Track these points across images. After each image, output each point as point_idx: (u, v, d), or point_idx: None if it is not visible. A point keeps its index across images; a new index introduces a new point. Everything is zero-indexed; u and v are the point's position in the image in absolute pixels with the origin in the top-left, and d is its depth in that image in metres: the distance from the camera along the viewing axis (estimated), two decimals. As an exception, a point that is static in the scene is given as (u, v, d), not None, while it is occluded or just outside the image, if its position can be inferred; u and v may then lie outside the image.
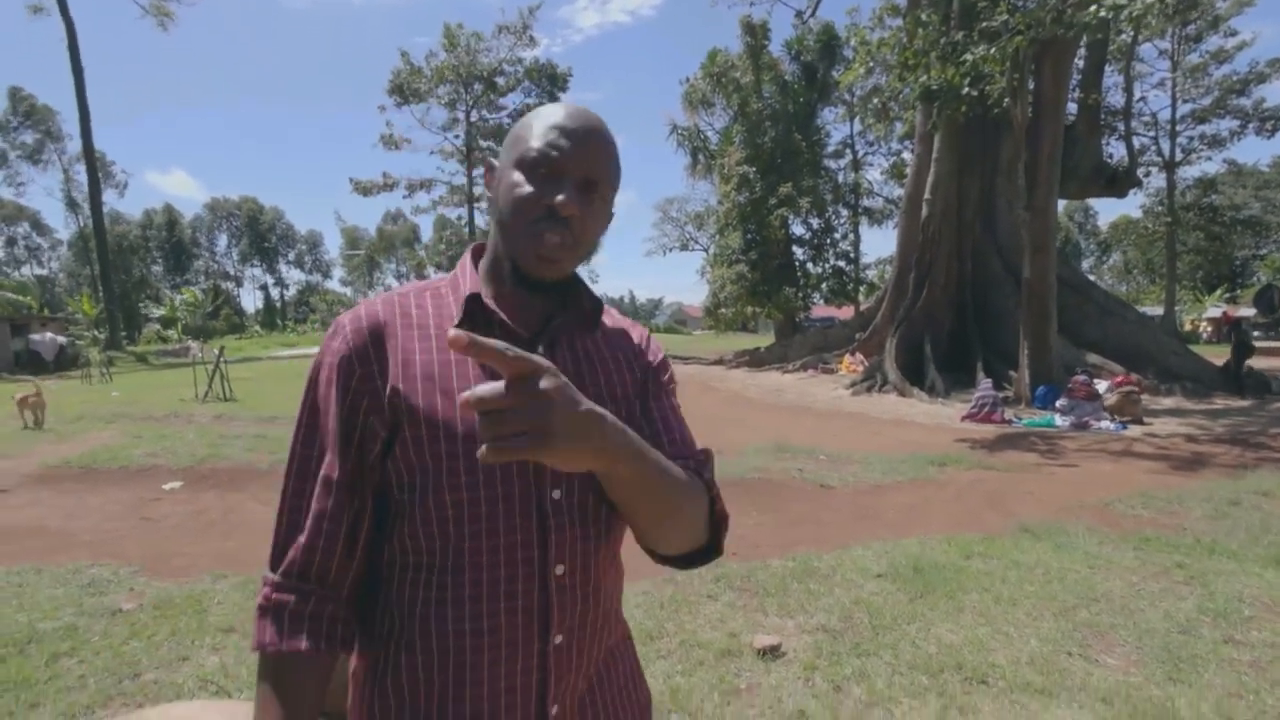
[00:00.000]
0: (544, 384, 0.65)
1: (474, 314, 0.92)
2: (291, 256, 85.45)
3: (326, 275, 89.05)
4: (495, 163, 0.98)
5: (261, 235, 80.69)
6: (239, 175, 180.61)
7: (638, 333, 1.08)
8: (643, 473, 0.79)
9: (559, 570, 0.89)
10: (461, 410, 0.80)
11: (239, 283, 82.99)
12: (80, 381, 20.37)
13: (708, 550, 0.98)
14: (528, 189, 0.89)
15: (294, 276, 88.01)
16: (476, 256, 1.02)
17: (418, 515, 0.87)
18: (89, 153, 34.74)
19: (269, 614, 0.88)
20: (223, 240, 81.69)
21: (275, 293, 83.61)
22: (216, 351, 15.95)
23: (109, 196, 48.39)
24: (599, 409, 0.71)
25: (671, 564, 0.98)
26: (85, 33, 33.54)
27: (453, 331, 0.62)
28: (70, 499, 6.57)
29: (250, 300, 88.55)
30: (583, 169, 0.90)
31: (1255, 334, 34.37)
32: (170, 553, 4.99)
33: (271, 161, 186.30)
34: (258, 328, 63.12)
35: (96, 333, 27.83)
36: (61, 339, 27.67)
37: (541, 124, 0.91)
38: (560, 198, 0.87)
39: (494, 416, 0.63)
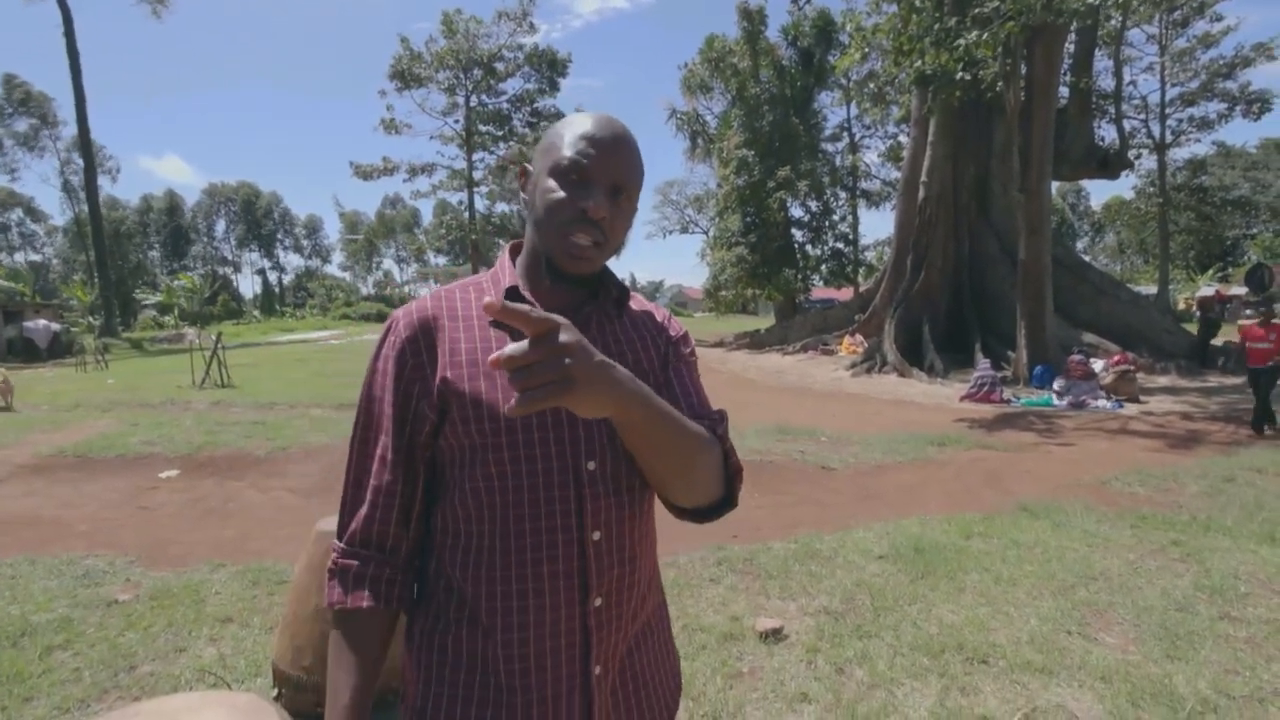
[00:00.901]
0: (563, 338, 0.72)
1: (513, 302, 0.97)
2: (290, 242, 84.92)
3: (326, 260, 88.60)
4: (530, 167, 1.06)
5: (259, 220, 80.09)
6: (236, 160, 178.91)
7: (660, 314, 1.16)
8: (654, 419, 0.86)
9: (595, 536, 0.97)
10: (503, 391, 0.94)
11: (237, 268, 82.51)
12: (75, 369, 20.27)
13: (723, 502, 1.05)
14: (561, 194, 0.97)
15: (292, 261, 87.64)
16: (514, 253, 1.10)
17: (466, 487, 0.96)
18: (84, 138, 34.39)
19: (336, 576, 1.00)
20: (220, 225, 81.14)
21: (273, 278, 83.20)
22: (214, 337, 15.89)
23: (102, 182, 47.92)
24: (610, 360, 0.78)
25: (689, 517, 1.04)
26: (79, 18, 33.10)
27: (487, 299, 0.69)
28: (65, 488, 6.54)
29: (248, 286, 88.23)
30: (610, 176, 0.98)
31: (1247, 312, 34.51)
32: (167, 542, 4.97)
33: (270, 146, 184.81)
34: (256, 313, 62.86)
35: (92, 319, 27.69)
36: (56, 326, 27.47)
37: (572, 133, 0.98)
38: (591, 203, 0.95)
39: (522, 372, 0.70)
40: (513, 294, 1.01)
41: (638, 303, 1.15)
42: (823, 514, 5.62)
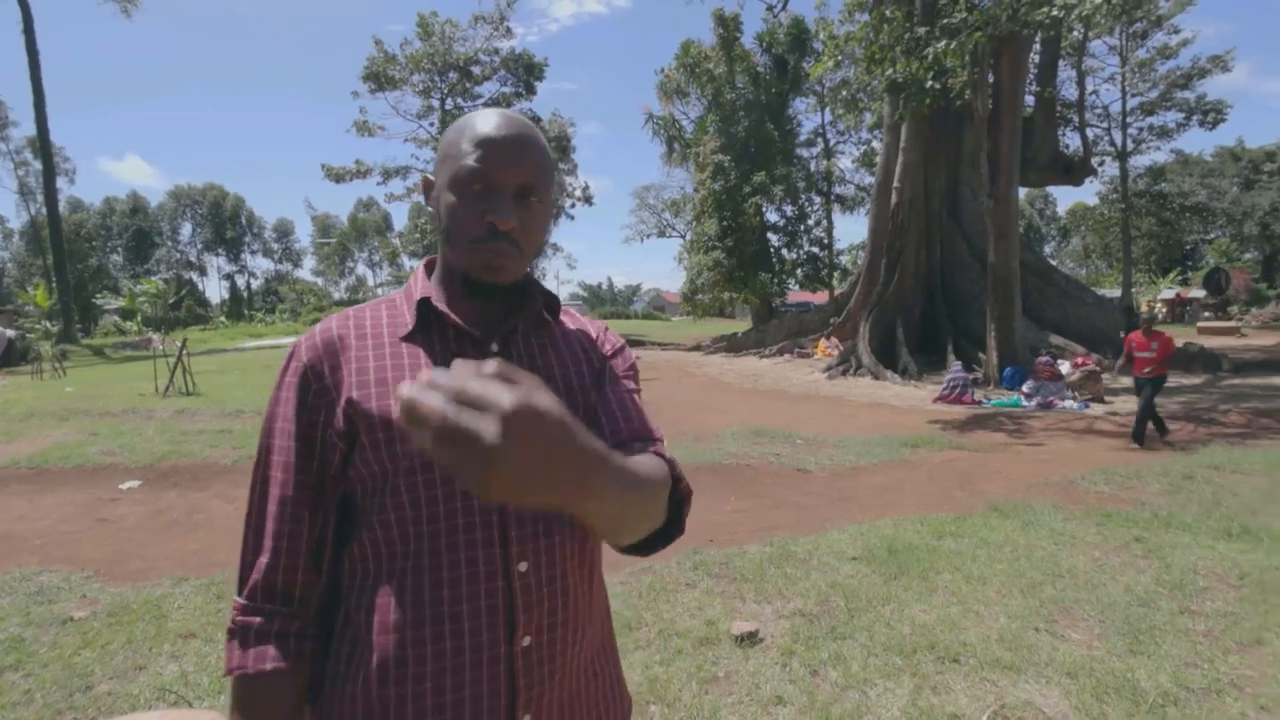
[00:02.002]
0: (508, 399, 0.50)
1: (426, 318, 0.94)
2: (259, 245, 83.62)
3: (297, 264, 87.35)
4: (433, 177, 0.98)
5: (227, 223, 78.73)
6: (201, 161, 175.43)
7: (595, 327, 1.09)
8: (622, 497, 0.67)
9: (522, 567, 0.88)
10: None
11: (203, 272, 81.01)
12: (31, 377, 19.74)
13: (668, 530, 0.91)
14: (466, 208, 0.90)
15: (262, 265, 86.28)
16: (430, 268, 1.03)
17: (376, 519, 0.88)
18: (44, 139, 33.62)
19: (236, 636, 0.90)
20: (187, 229, 79.65)
21: (241, 282, 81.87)
22: (178, 344, 15.58)
23: (60, 184, 46.90)
24: (590, 447, 0.58)
25: (633, 552, 0.92)
26: (38, 17, 32.40)
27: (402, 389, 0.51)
28: (19, 501, 6.33)
29: (215, 290, 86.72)
30: (515, 179, 0.90)
31: (1205, 314, 35.42)
32: (128, 556, 4.84)
33: (237, 148, 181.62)
34: (223, 319, 61.82)
35: (49, 325, 26.98)
36: (10, 333, 26.70)
37: (469, 139, 0.91)
38: (499, 216, 0.89)
39: (432, 431, 0.50)
40: (425, 306, 0.94)
41: (572, 319, 1.07)
42: (798, 516, 5.65)
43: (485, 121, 0.92)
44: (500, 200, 0.90)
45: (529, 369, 0.91)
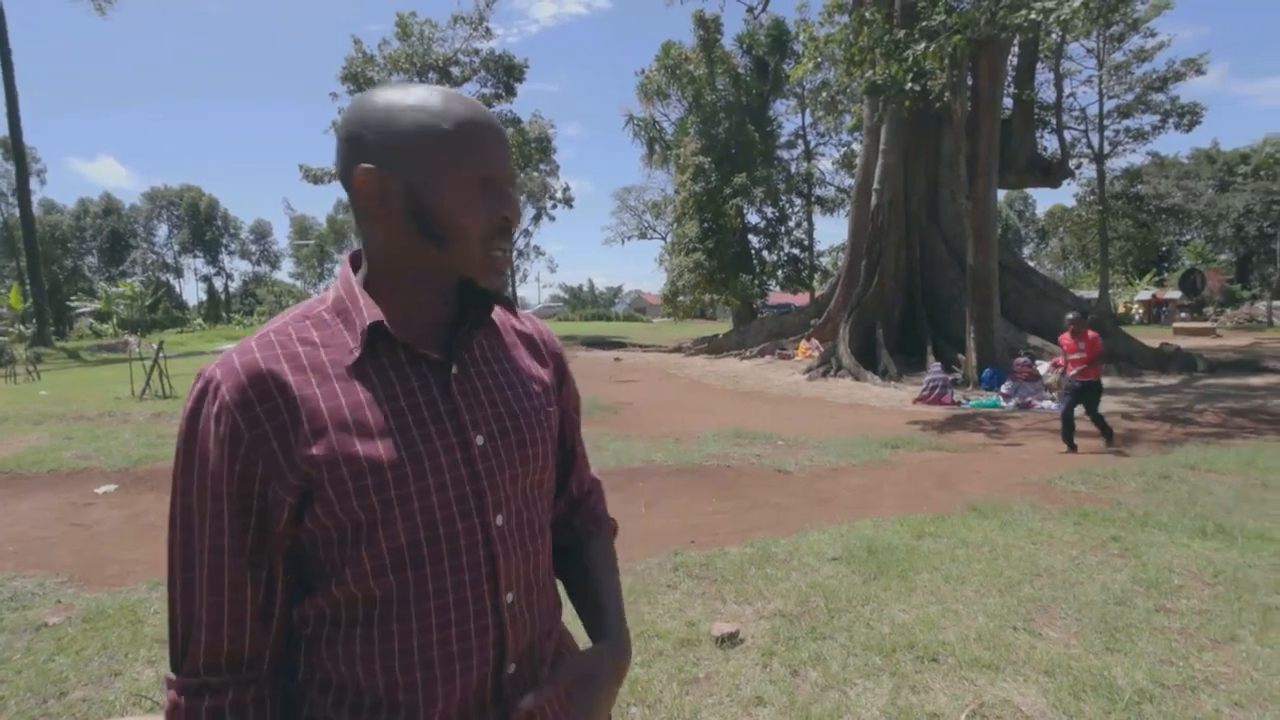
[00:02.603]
0: None
1: (375, 343, 0.83)
2: (236, 247, 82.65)
3: (275, 266, 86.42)
4: (373, 167, 0.82)
5: (204, 225, 77.73)
6: (176, 163, 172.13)
7: (531, 324, 1.04)
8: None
9: (509, 598, 0.87)
10: (385, 450, 0.78)
11: (179, 274, 79.94)
12: (4, 380, 19.41)
13: None
14: (478, 204, 0.83)
15: (240, 267, 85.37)
16: (355, 266, 0.91)
17: (349, 571, 0.80)
18: (16, 140, 33.05)
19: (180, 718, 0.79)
20: (162, 230, 78.53)
21: (219, 284, 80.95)
22: (155, 346, 15.38)
23: (31, 185, 46.24)
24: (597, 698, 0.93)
25: None
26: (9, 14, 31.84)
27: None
28: (-5, 505, 6.24)
29: (192, 292, 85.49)
30: (510, 166, 0.86)
31: (1181, 315, 36.01)
32: (103, 560, 4.77)
33: (213, 149, 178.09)
34: (200, 321, 61.07)
35: (23, 328, 26.52)
36: (-16, 336, 26.27)
37: (453, 124, 0.81)
38: (512, 209, 0.85)
39: None
40: (377, 331, 0.82)
41: (515, 318, 1.02)
42: (779, 517, 5.67)
43: (464, 107, 0.83)
44: (507, 194, 0.85)
45: (486, 388, 0.89)
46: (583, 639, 1.05)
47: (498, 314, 0.97)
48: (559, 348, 1.06)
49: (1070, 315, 8.36)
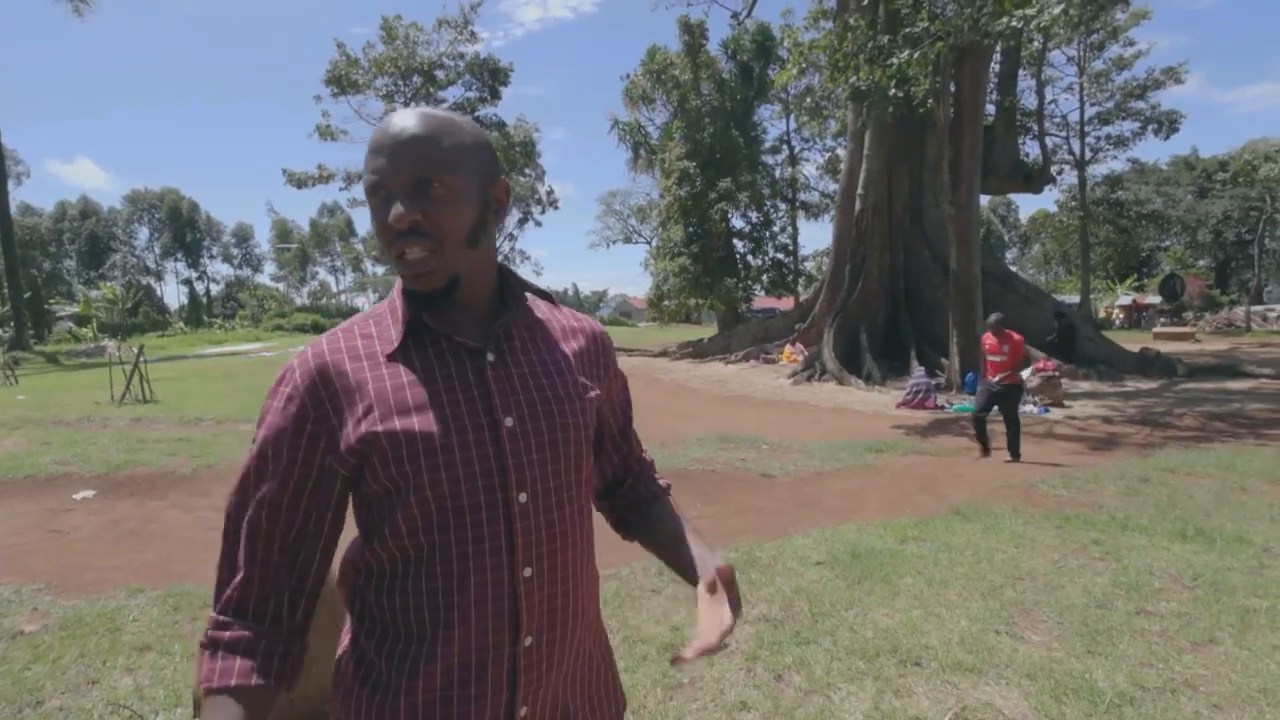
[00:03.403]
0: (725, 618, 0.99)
1: (418, 334, 0.95)
2: (218, 250, 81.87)
3: (257, 270, 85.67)
4: None
5: (185, 228, 76.93)
6: (156, 165, 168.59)
7: (580, 320, 1.12)
8: None
9: (527, 573, 0.92)
10: (420, 423, 0.89)
11: (160, 277, 79.12)
12: (-17, 386, 19.13)
13: None
14: (376, 218, 0.92)
15: (221, 271, 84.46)
16: None
17: (388, 530, 0.91)
18: (-10, 141, 32.69)
19: (208, 649, 0.91)
20: (143, 234, 77.71)
21: (200, 288, 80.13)
22: (135, 350, 15.21)
23: (9, 186, 45.72)
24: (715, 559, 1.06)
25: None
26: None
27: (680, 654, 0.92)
28: (-29, 512, 6.14)
29: (173, 296, 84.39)
30: (408, 174, 0.89)
31: (1161, 320, 36.49)
32: (81, 567, 4.70)
33: (194, 151, 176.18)
34: (181, 325, 60.46)
35: (1, 332, 26.16)
36: (-39, 340, 25.89)
37: (369, 151, 0.92)
38: (391, 214, 0.89)
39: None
40: (415, 325, 0.94)
41: (564, 315, 1.11)
42: (763, 522, 5.68)
43: (380, 130, 0.92)
44: (393, 200, 0.90)
45: (522, 374, 0.97)
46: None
47: (545, 309, 1.07)
48: (609, 343, 1.14)
49: (992, 316, 8.02)
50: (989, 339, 7.86)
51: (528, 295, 1.05)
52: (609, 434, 1.17)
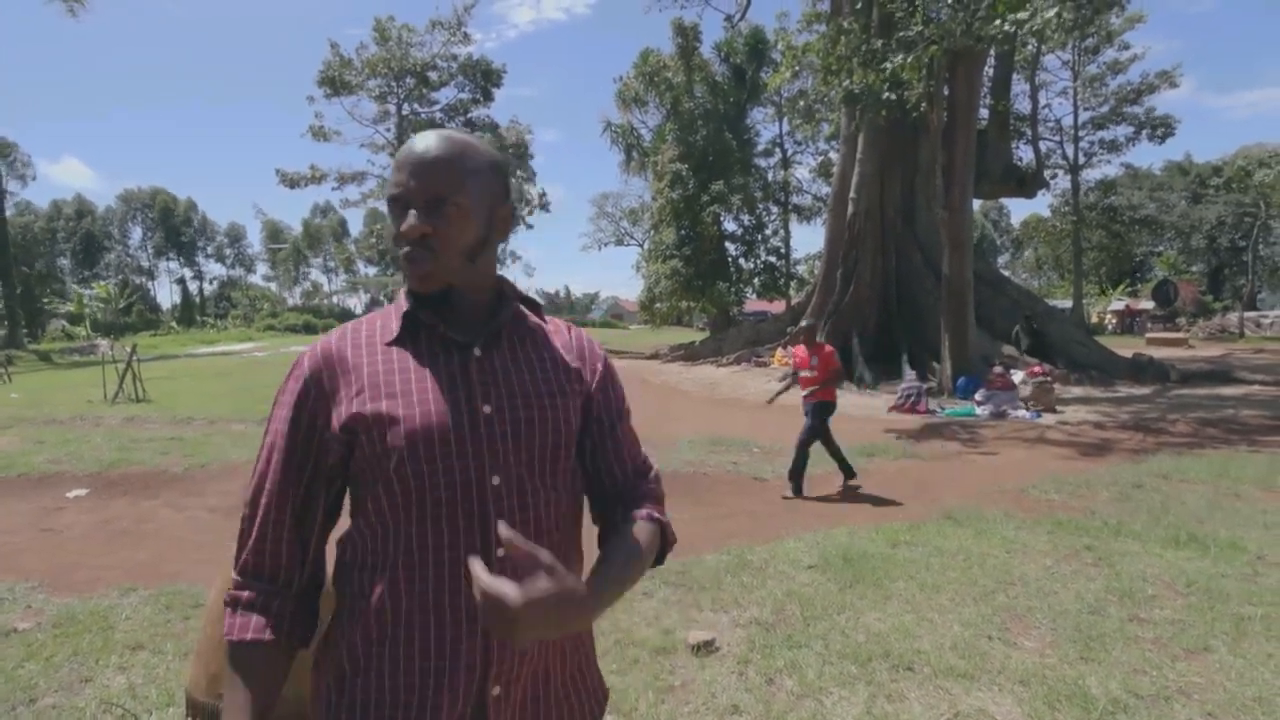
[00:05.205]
0: (541, 588, 0.80)
1: (415, 328, 1.04)
2: (211, 250, 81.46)
3: (250, 270, 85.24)
4: None
5: (178, 228, 76.51)
6: (146, 165, 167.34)
7: (574, 332, 1.19)
8: (619, 596, 1.00)
9: (500, 552, 0.96)
10: (404, 406, 0.97)
11: (152, 277, 78.69)
12: (-27, 384, 19.02)
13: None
14: (392, 226, 1.02)
15: (214, 270, 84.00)
16: None
17: (371, 505, 0.99)
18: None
19: (229, 607, 1.01)
20: (136, 233, 77.25)
21: (193, 288, 79.68)
22: (128, 349, 15.14)
23: (12, 187, 45.64)
24: (583, 593, 0.86)
25: None
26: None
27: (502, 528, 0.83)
28: (-39, 511, 6.10)
29: (166, 295, 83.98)
30: (425, 192, 0.99)
31: (1152, 325, 36.67)
32: (74, 566, 4.68)
33: (184, 151, 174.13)
34: (174, 324, 60.19)
35: (-7, 331, 26.01)
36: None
37: (394, 164, 1.03)
38: (404, 224, 0.99)
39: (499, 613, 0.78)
40: (410, 319, 1.03)
41: (557, 327, 1.17)
42: (755, 525, 5.69)
43: (406, 146, 1.02)
44: (409, 213, 0.99)
45: (505, 370, 1.04)
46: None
47: (536, 319, 1.15)
48: (599, 351, 1.19)
49: (802, 321, 7.05)
50: (799, 350, 7.05)
51: (521, 306, 1.13)
52: (597, 431, 1.14)
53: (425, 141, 1.01)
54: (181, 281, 77.85)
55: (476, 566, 0.81)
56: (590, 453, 1.13)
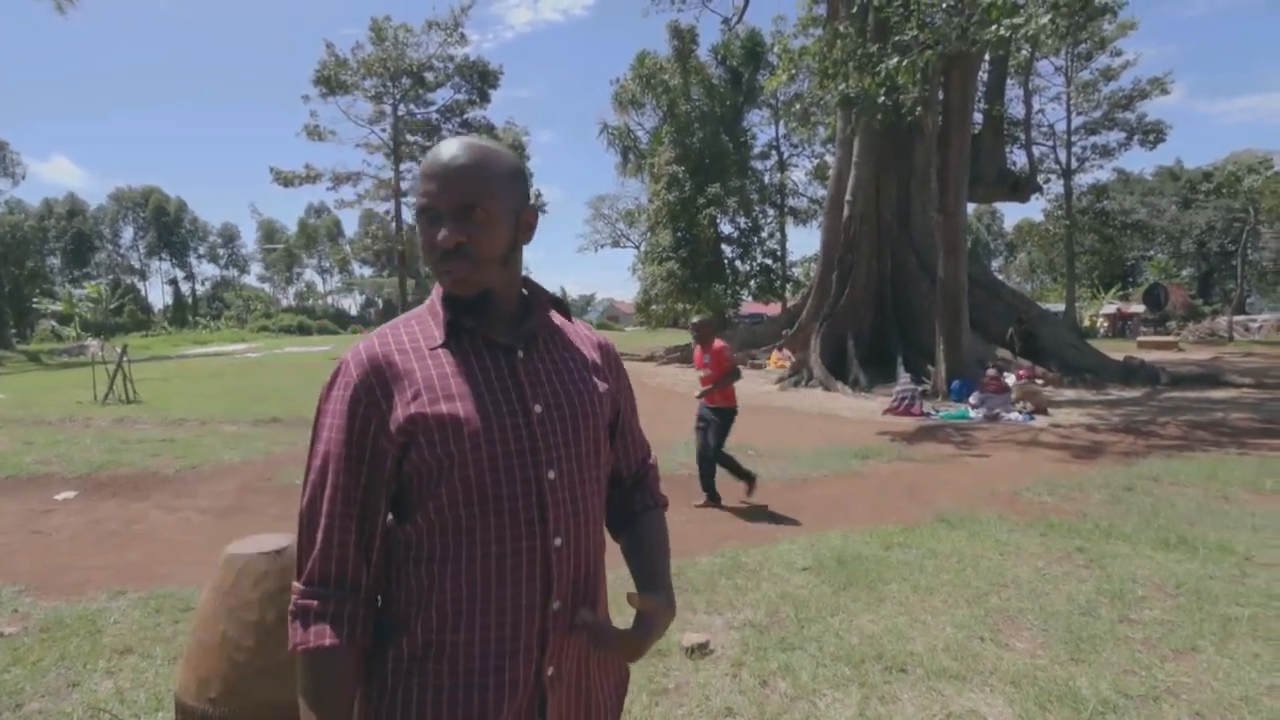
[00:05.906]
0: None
1: (457, 333, 1.07)
2: (204, 250, 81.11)
3: (243, 270, 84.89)
4: None
5: (170, 227, 76.15)
6: (137, 163, 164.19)
7: (596, 337, 1.26)
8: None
9: (557, 542, 1.04)
10: (463, 408, 1.01)
11: (144, 277, 78.29)
12: (-37, 384, 18.88)
13: None
14: (425, 236, 1.05)
15: (207, 271, 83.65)
16: None
17: (431, 505, 1.01)
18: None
19: (297, 617, 1.02)
20: (128, 232, 76.84)
21: (186, 288, 79.37)
22: (119, 350, 15.06)
23: (3, 185, 45.35)
24: (650, 629, 1.10)
25: None
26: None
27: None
28: (-51, 512, 6.06)
29: (158, 296, 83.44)
30: (455, 200, 1.03)
31: (1143, 329, 36.87)
32: (62, 569, 4.65)
33: (176, 149, 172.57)
34: (166, 325, 59.93)
35: (-19, 331, 25.85)
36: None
37: (421, 175, 1.06)
38: (440, 235, 1.02)
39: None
40: (455, 326, 1.06)
41: (574, 326, 1.23)
42: (749, 527, 5.69)
43: (432, 156, 1.05)
44: (442, 222, 1.03)
45: (546, 370, 1.10)
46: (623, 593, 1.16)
47: (562, 319, 1.20)
48: (615, 352, 1.28)
49: (695, 317, 6.69)
50: (696, 351, 6.56)
51: (549, 304, 1.19)
52: (618, 427, 1.28)
53: (450, 150, 1.05)
54: (174, 282, 77.55)
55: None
56: (615, 444, 1.26)
